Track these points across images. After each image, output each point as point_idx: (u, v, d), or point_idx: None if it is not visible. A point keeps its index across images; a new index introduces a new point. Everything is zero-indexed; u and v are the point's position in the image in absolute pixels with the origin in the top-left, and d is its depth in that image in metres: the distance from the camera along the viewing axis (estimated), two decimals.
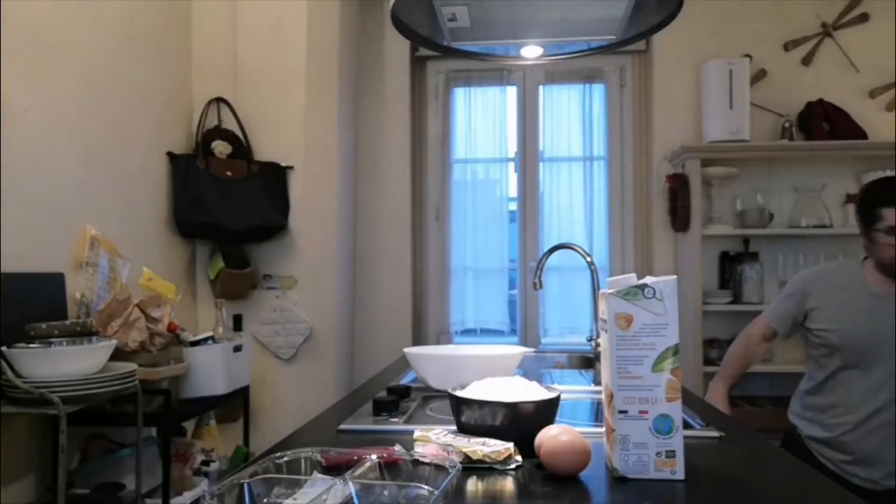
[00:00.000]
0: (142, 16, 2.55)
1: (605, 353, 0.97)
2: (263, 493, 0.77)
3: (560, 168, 3.56)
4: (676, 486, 0.90)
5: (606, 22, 1.69)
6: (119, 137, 2.41)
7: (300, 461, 0.86)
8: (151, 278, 2.25)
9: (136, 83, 2.52)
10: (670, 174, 3.19)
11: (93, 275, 2.16)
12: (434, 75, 3.57)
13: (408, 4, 1.53)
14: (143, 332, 2.03)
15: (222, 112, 2.85)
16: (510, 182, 3.57)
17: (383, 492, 0.75)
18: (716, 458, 1.06)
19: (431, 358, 1.64)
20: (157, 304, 2.13)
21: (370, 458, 0.84)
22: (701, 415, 1.34)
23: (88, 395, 1.72)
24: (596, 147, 3.50)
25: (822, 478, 0.95)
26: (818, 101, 3.20)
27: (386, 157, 3.45)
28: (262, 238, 2.81)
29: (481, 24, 1.71)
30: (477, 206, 3.55)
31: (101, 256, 2.20)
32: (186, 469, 2.31)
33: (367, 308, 3.41)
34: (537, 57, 1.82)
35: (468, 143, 3.57)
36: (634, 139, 3.48)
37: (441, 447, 1.00)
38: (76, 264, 2.14)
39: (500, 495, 0.88)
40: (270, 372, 2.86)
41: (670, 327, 0.93)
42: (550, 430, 0.97)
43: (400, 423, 1.26)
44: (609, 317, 0.94)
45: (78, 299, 2.10)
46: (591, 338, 2.16)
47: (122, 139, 2.43)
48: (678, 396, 0.93)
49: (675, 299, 0.94)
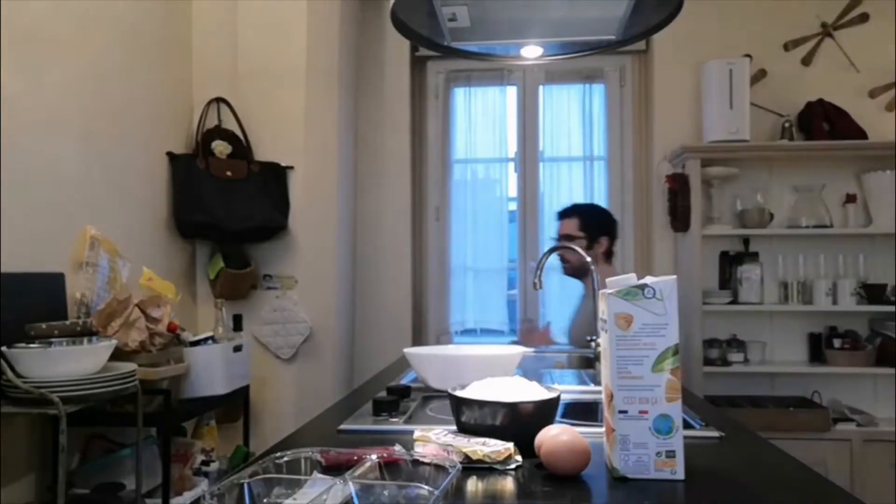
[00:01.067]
0: (142, 16, 2.55)
1: (605, 353, 0.97)
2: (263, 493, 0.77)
3: (560, 168, 3.56)
4: (676, 486, 0.90)
5: (606, 22, 1.69)
6: (119, 137, 2.41)
7: (300, 461, 0.86)
8: (151, 278, 2.25)
9: (136, 83, 2.51)
10: (670, 174, 3.19)
11: (93, 275, 2.16)
12: (434, 75, 3.57)
13: (408, 4, 1.53)
14: (143, 332, 2.03)
15: (222, 112, 2.85)
16: (510, 182, 3.57)
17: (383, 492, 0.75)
18: (716, 458, 1.06)
19: (431, 358, 1.64)
20: (157, 304, 2.13)
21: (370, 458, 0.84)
22: (701, 415, 1.34)
23: (88, 395, 1.72)
24: (596, 147, 3.50)
25: (823, 478, 0.95)
26: (818, 101, 3.20)
27: (386, 157, 3.45)
28: (262, 238, 2.81)
29: (481, 24, 1.71)
30: (477, 206, 3.55)
31: (101, 256, 2.20)
32: (186, 469, 2.31)
33: (367, 308, 3.41)
34: (537, 57, 1.82)
35: (468, 143, 3.57)
36: (634, 139, 3.48)
37: (441, 447, 1.00)
38: (76, 264, 2.14)
39: (500, 495, 0.88)
40: (270, 372, 2.86)
41: (670, 327, 0.93)
42: (550, 430, 0.97)
43: (400, 423, 1.26)
44: (609, 317, 0.94)
45: (78, 299, 2.10)
46: (592, 338, 2.15)
47: (122, 139, 2.43)
48: (678, 396, 0.93)
49: (675, 299, 0.93)
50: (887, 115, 3.25)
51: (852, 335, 3.12)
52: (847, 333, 3.13)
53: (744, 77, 3.06)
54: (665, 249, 3.35)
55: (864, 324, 3.20)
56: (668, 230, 3.31)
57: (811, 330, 3.22)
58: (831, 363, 3.09)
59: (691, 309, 3.01)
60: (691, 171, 3.08)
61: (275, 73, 2.87)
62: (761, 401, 3.09)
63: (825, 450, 2.90)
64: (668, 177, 3.19)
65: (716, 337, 3.17)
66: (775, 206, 3.24)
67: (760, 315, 3.23)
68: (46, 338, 1.78)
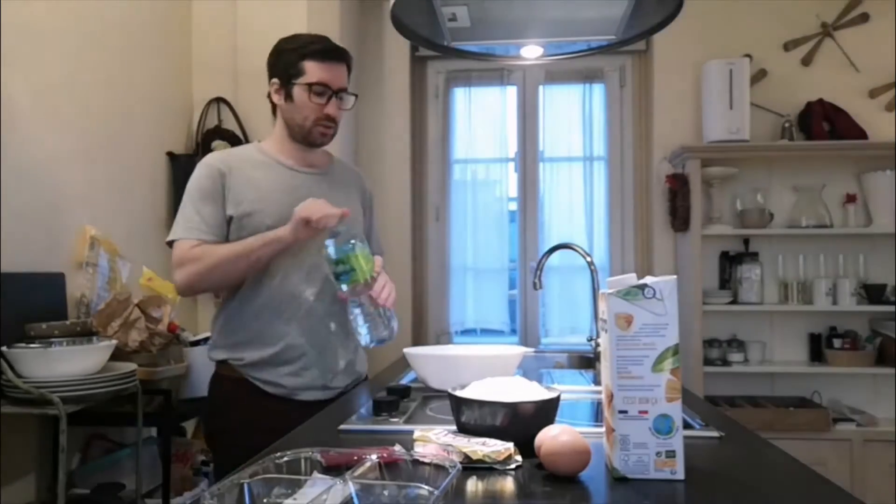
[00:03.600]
0: (142, 16, 2.55)
1: (605, 353, 0.97)
2: (263, 493, 0.77)
3: (560, 168, 3.56)
4: (676, 486, 0.90)
5: (606, 22, 1.69)
6: (119, 137, 2.41)
7: (300, 461, 0.86)
8: (151, 278, 2.25)
9: (136, 83, 2.52)
10: (670, 174, 3.19)
11: (93, 275, 2.17)
12: (434, 75, 3.57)
13: (408, 4, 1.53)
14: (143, 332, 2.03)
15: (222, 112, 2.85)
16: (510, 182, 3.57)
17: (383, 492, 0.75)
18: (716, 458, 1.06)
19: (431, 358, 1.64)
20: (157, 304, 2.13)
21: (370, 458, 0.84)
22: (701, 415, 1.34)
23: (88, 395, 1.72)
24: (596, 147, 3.50)
25: (823, 478, 0.95)
26: (818, 101, 3.20)
27: (386, 157, 3.44)
28: None
29: (481, 24, 1.71)
30: (477, 206, 3.54)
31: (101, 256, 2.20)
32: (186, 469, 2.31)
33: None
34: (537, 57, 1.82)
35: (468, 143, 3.56)
36: (634, 139, 3.48)
37: (441, 447, 1.00)
38: (76, 264, 2.14)
39: (500, 495, 0.88)
40: None
41: (670, 327, 0.93)
42: (550, 431, 0.97)
43: (400, 423, 1.26)
44: (609, 317, 0.94)
45: (78, 299, 2.11)
46: (591, 338, 2.15)
47: (123, 139, 2.43)
48: (678, 396, 0.93)
49: (675, 299, 0.93)
50: (887, 115, 3.24)
51: (852, 335, 3.12)
52: (847, 333, 3.13)
53: (744, 77, 3.06)
54: (665, 249, 3.35)
55: (864, 324, 3.20)
56: (668, 230, 3.31)
57: (811, 330, 3.22)
58: (831, 363, 3.09)
59: (691, 309, 3.01)
60: (691, 171, 3.08)
61: None
62: (761, 401, 3.09)
63: (825, 450, 2.90)
64: (668, 177, 3.19)
65: (716, 337, 3.17)
66: (775, 206, 3.24)
67: (760, 315, 3.23)
68: (46, 338, 1.78)
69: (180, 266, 1.58)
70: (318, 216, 1.50)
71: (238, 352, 1.62)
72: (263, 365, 1.60)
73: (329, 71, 1.64)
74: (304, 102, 1.63)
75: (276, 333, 1.61)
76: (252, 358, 1.60)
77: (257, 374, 1.61)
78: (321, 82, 1.62)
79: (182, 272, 1.57)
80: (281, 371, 1.61)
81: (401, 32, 1.62)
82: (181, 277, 1.58)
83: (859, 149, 3.10)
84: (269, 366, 1.60)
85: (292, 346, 1.61)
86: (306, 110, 1.64)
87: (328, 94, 1.63)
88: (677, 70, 3.32)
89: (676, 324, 0.93)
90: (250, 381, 1.61)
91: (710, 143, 3.11)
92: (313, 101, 1.63)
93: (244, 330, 1.62)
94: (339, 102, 1.67)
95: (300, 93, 1.63)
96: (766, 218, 3.16)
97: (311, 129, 1.65)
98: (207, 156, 1.69)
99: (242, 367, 1.61)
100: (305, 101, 1.63)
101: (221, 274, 1.58)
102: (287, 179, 1.67)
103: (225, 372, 1.64)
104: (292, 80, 1.63)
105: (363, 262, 1.45)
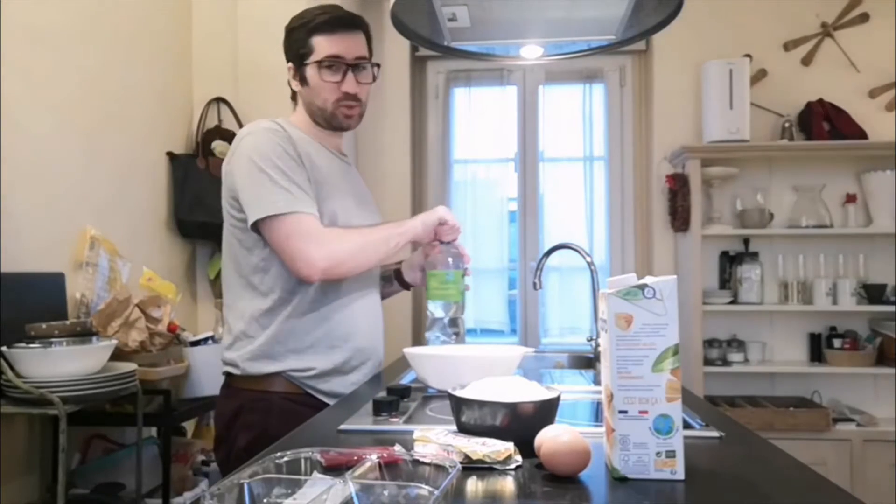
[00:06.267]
0: (142, 16, 2.55)
1: (605, 353, 0.97)
2: (263, 493, 0.77)
3: (560, 168, 3.56)
4: (676, 486, 0.90)
5: (606, 22, 1.69)
6: (119, 137, 2.41)
7: (300, 461, 0.85)
8: (151, 278, 2.25)
9: (137, 83, 2.51)
10: (670, 174, 3.19)
11: (93, 275, 2.17)
12: (434, 75, 3.57)
13: (408, 4, 1.53)
14: (143, 332, 2.03)
15: (222, 112, 2.85)
16: (510, 182, 3.57)
17: (383, 492, 0.75)
18: (716, 458, 1.06)
19: (431, 358, 1.64)
20: (157, 304, 2.13)
21: (370, 458, 0.84)
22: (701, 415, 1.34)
23: (88, 395, 1.72)
24: (596, 147, 3.50)
25: (822, 478, 0.95)
26: (818, 101, 3.20)
27: (386, 157, 3.44)
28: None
29: (481, 24, 1.71)
30: (477, 206, 3.54)
31: (101, 256, 2.20)
32: (186, 469, 2.31)
33: None
34: (537, 57, 1.82)
35: (468, 143, 3.56)
36: (634, 139, 3.48)
37: (441, 447, 1.00)
38: (76, 264, 2.14)
39: (500, 495, 0.88)
40: None
41: (670, 327, 0.93)
42: (550, 431, 0.97)
43: (400, 423, 1.26)
44: (609, 317, 0.94)
45: (78, 299, 2.11)
46: (591, 338, 2.15)
47: (123, 139, 2.43)
48: (678, 396, 0.93)
49: (674, 299, 0.93)
50: (887, 115, 3.24)
51: (852, 335, 3.13)
52: (847, 333, 3.14)
53: (744, 77, 3.06)
54: (665, 249, 3.35)
55: (864, 324, 3.20)
56: (668, 230, 3.31)
57: (811, 330, 3.22)
58: (831, 363, 3.09)
59: (691, 309, 3.01)
60: (691, 171, 3.08)
61: (275, 73, 2.85)
62: (761, 401, 3.09)
63: (825, 450, 2.90)
64: (668, 177, 3.20)
65: (716, 337, 3.17)
66: (775, 206, 3.24)
67: (760, 315, 3.23)
68: (46, 338, 1.78)
69: (318, 244, 1.34)
70: (453, 223, 1.44)
71: (303, 360, 1.41)
72: (334, 374, 1.43)
73: (340, 42, 1.45)
74: (317, 83, 1.46)
75: (343, 335, 1.45)
76: (324, 366, 1.42)
77: (323, 385, 1.43)
78: (332, 56, 1.44)
79: (323, 251, 1.34)
80: (348, 380, 1.46)
81: (401, 32, 1.62)
82: (323, 255, 1.34)
83: (859, 149, 3.11)
84: (338, 374, 1.44)
85: (361, 350, 1.48)
86: (324, 91, 1.46)
87: (342, 68, 1.45)
88: (677, 70, 3.32)
89: (676, 324, 0.93)
90: (312, 396, 1.41)
91: (710, 143, 3.11)
92: (326, 78, 1.45)
93: (308, 335, 1.42)
94: (358, 76, 1.48)
95: (313, 73, 1.46)
96: (766, 218, 3.16)
97: (333, 112, 1.48)
98: (259, 123, 1.44)
99: (307, 379, 1.42)
100: (318, 81, 1.46)
101: (365, 259, 1.41)
102: (337, 163, 1.51)
103: (275, 388, 1.40)
104: (304, 61, 1.46)
105: (462, 284, 1.47)
